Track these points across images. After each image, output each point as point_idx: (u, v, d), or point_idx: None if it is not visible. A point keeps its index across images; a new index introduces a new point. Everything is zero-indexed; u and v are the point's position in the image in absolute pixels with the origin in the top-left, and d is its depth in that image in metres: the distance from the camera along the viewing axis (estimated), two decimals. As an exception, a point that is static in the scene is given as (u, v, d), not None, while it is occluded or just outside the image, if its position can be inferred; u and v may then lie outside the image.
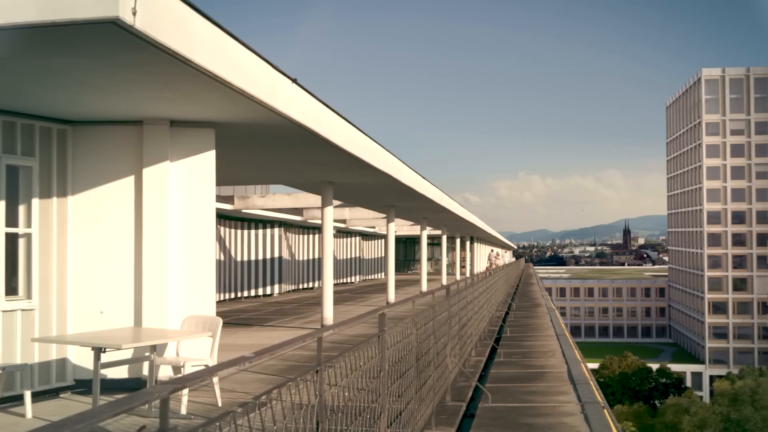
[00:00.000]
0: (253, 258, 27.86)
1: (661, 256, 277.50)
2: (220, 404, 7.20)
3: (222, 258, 25.27)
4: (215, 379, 7.24)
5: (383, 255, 44.59)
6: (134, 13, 4.66)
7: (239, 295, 26.78)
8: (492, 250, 57.25)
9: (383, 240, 44.26)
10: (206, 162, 8.66)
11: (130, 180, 8.54)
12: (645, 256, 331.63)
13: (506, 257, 77.80)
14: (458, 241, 43.24)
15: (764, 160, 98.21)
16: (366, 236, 43.06)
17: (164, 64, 5.82)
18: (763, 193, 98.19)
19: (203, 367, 7.45)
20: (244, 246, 27.37)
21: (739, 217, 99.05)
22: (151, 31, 4.93)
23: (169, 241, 8.45)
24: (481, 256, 56.83)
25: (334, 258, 35.60)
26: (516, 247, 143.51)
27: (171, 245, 8.48)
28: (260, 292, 28.24)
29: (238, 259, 26.86)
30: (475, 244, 51.46)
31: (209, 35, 5.98)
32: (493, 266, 33.36)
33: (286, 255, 30.08)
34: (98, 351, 6.81)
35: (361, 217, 31.93)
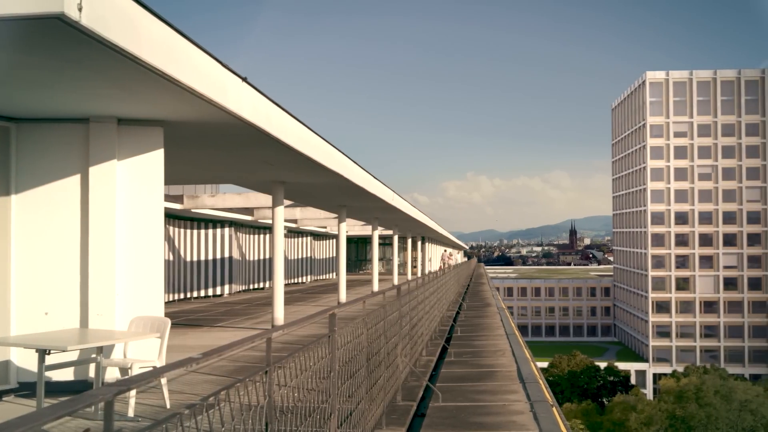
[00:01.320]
0: (202, 258, 27.51)
1: (606, 256, 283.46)
2: (168, 406, 7.11)
3: (171, 258, 24.89)
4: (164, 381, 7.15)
5: (335, 255, 44.53)
6: (80, 9, 4.57)
7: (189, 295, 26.41)
8: (445, 250, 57.60)
9: (335, 240, 44.20)
10: (155, 161, 8.53)
11: (76, 179, 8.36)
12: (591, 256, 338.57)
13: (458, 257, 78.43)
14: (409, 241, 43.45)
15: (706, 162, 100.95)
16: (317, 236, 42.93)
17: (111, 61, 5.72)
18: (705, 194, 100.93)
19: (151, 369, 7.34)
20: (194, 246, 26.99)
21: (681, 218, 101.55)
22: (98, 28, 4.85)
23: (116, 241, 8.31)
24: (433, 256, 57.20)
25: (285, 258, 35.44)
26: (467, 247, 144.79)
27: (118, 245, 8.33)
28: (210, 292, 27.91)
29: (188, 259, 26.49)
30: (427, 244, 51.77)
31: (157, 32, 5.90)
32: (447, 266, 33.58)
33: (236, 255, 29.80)
34: (43, 353, 6.66)
35: (313, 217, 31.85)
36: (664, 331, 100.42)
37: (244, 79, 7.90)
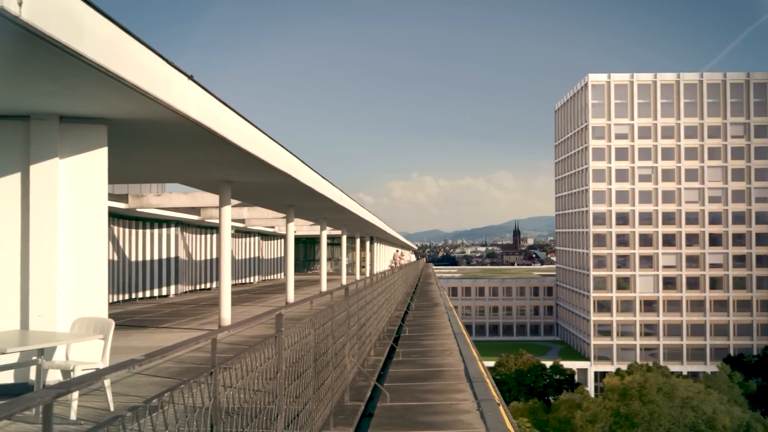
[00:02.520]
0: (148, 258, 27.11)
1: (549, 256, 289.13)
2: (112, 408, 6.99)
3: (115, 258, 24.47)
4: (107, 383, 7.01)
5: (283, 255, 44.27)
6: (20, 4, 4.46)
7: (134, 296, 26.00)
8: (397, 251, 57.81)
9: (283, 240, 43.94)
10: (98, 159, 8.36)
11: (16, 177, 8.14)
12: (534, 256, 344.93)
13: (409, 257, 78.80)
14: (358, 241, 43.48)
15: (646, 164, 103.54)
16: (265, 236, 42.62)
17: (52, 57, 5.60)
18: (645, 195, 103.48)
19: (94, 371, 7.20)
20: (139, 246, 26.58)
21: (622, 219, 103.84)
22: (38, 23, 4.74)
23: (58, 241, 8.11)
24: (382, 256, 57.35)
25: (233, 258, 35.10)
26: (416, 247, 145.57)
27: (60, 245, 8.14)
28: (156, 293, 27.55)
29: (133, 259, 26.06)
30: (376, 244, 51.88)
31: (100, 29, 5.78)
32: (397, 266, 33.71)
33: (182, 255, 29.41)
34: (-21, 356, 6.47)
35: (261, 217, 31.64)
36: (605, 329, 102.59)
37: (191, 77, 7.81)
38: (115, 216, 24.08)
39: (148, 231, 27.16)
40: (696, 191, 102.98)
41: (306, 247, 56.99)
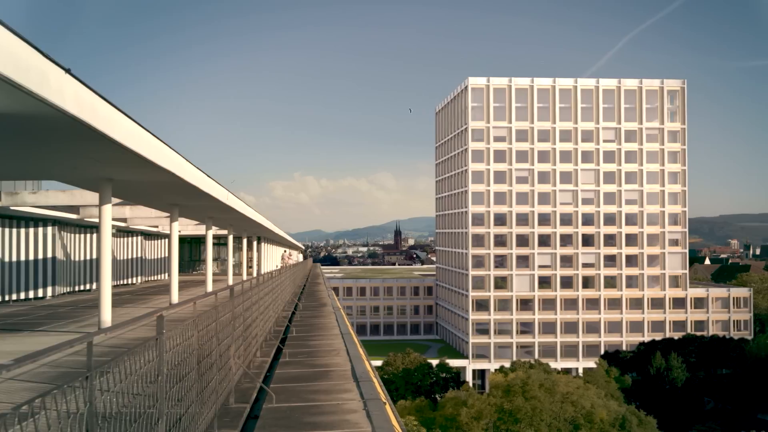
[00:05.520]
0: (22, 258, 25.98)
1: (429, 256, 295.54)
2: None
3: (-16, 259, 23.12)
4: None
5: (167, 255, 43.02)
6: None
7: (6, 298, 25.07)
8: (285, 251, 57.33)
9: (167, 240, 42.69)
10: (-37, 154, 7.86)
11: None
12: (415, 256, 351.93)
13: (297, 257, 78.30)
14: (245, 241, 42.86)
15: (523, 166, 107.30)
16: (148, 236, 41.28)
17: None
18: (522, 196, 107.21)
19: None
20: (13, 245, 25.59)
21: (500, 219, 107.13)
22: None
23: None
24: (269, 256, 56.74)
25: (114, 258, 33.77)
26: (305, 248, 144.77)
27: None
28: (31, 294, 26.56)
29: (6, 259, 24.94)
30: (263, 244, 51.28)
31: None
32: (286, 266, 33.47)
33: (60, 255, 28.15)
34: None
35: (144, 216, 30.74)
36: (483, 328, 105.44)
37: (68, 71, 7.47)
38: (-15, 214, 22.79)
39: (23, 230, 26.00)
40: (570, 193, 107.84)
41: (191, 247, 55.59)
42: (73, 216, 27.94)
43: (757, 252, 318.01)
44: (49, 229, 27.53)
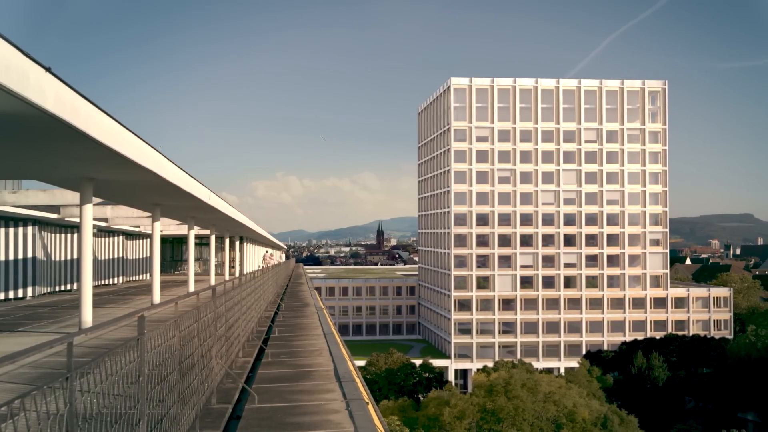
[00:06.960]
0: (2, 258, 25.84)
1: (412, 256, 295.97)
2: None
3: (-38, 259, 22.86)
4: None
5: (148, 255, 42.75)
6: None
7: (-15, 298, 24.49)
8: (267, 251, 57.13)
9: (148, 240, 42.42)
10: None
11: None
12: (397, 256, 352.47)
13: (279, 257, 78.10)
14: (227, 241, 42.69)
15: (505, 166, 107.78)
16: (130, 236, 41.00)
17: None
18: (504, 196, 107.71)
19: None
20: (-8, 245, 25.12)
21: (482, 219, 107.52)
22: None
23: None
24: (252, 257, 56.56)
25: (95, 258, 33.50)
26: (287, 248, 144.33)
27: None
28: (11, 294, 26.39)
29: (-16, 259, 24.54)
30: (246, 244, 51.11)
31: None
32: (268, 266, 33.40)
33: (41, 255, 27.91)
34: None
35: (125, 216, 30.53)
36: (465, 328, 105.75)
37: (48, 69, 7.41)
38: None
39: (2, 230, 25.86)
40: (552, 193, 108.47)
41: (173, 247, 55.22)
42: (54, 216, 27.74)
43: (738, 252, 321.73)
44: (30, 228, 27.32)
